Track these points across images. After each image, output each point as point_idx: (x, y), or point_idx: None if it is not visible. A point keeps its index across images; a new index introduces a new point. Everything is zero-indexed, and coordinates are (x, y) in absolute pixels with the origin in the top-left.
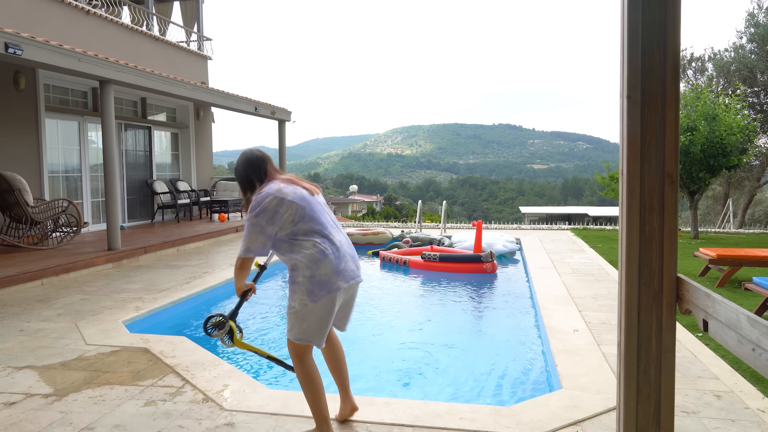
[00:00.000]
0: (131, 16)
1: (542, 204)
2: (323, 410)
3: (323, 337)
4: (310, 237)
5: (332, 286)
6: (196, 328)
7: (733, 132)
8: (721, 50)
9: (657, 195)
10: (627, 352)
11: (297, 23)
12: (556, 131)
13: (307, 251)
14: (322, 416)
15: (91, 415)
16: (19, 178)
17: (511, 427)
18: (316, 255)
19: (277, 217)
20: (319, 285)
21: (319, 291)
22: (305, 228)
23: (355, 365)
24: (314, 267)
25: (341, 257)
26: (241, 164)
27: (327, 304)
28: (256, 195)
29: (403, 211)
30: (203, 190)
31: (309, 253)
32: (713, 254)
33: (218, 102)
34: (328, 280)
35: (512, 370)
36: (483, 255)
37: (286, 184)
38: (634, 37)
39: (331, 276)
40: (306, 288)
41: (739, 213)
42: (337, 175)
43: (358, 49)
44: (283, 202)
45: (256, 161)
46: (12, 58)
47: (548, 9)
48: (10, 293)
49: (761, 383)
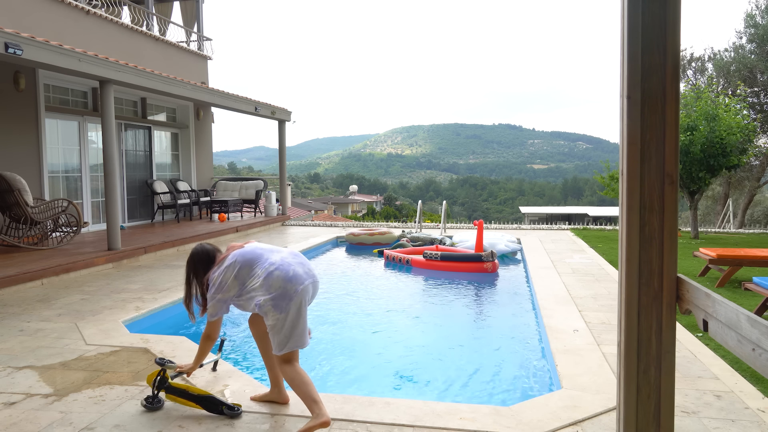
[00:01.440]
0: (131, 16)
1: (542, 204)
2: (313, 393)
3: (303, 337)
4: (254, 272)
5: (290, 292)
6: (195, 328)
7: (733, 132)
8: (721, 50)
9: (657, 195)
10: (627, 352)
11: (297, 23)
12: (556, 131)
13: (257, 283)
14: (313, 399)
15: (91, 415)
16: (19, 178)
17: (511, 427)
18: (263, 280)
19: (223, 284)
20: (280, 297)
21: (282, 301)
22: (247, 273)
23: (355, 365)
24: (267, 287)
25: (286, 267)
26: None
27: (293, 308)
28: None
29: (403, 211)
30: (203, 190)
31: (259, 284)
32: (713, 254)
33: (218, 102)
34: (284, 291)
35: (512, 370)
36: (484, 254)
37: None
38: (634, 36)
39: (285, 285)
40: (271, 305)
41: (739, 213)
42: (337, 175)
43: (358, 49)
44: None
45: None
46: (12, 58)
47: (548, 9)
48: (10, 293)
49: (761, 383)
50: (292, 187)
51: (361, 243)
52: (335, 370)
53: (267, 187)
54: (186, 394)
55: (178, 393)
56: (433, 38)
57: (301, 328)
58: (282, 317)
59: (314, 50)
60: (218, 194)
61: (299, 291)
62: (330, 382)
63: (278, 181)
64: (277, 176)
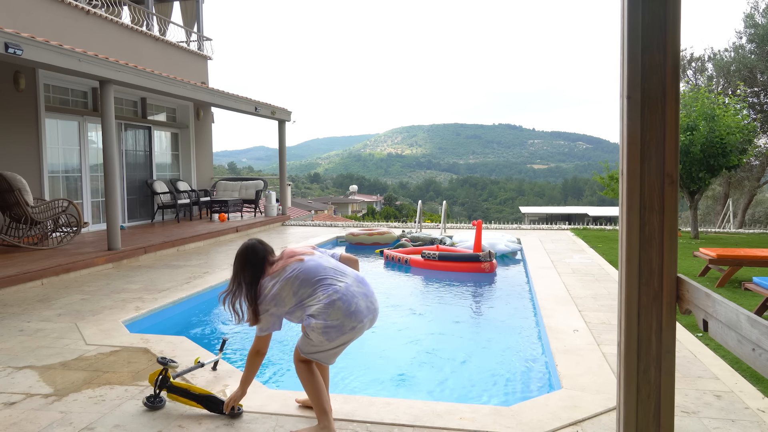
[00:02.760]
0: (131, 16)
1: (542, 204)
2: (324, 404)
3: (333, 359)
4: (315, 294)
5: (345, 328)
6: (196, 328)
7: (733, 132)
8: (721, 50)
9: (657, 195)
10: (627, 352)
11: (297, 23)
12: (556, 131)
13: (316, 306)
14: (323, 410)
15: (91, 415)
16: (19, 178)
17: (511, 427)
18: (323, 306)
19: (279, 299)
20: (334, 329)
21: (334, 333)
22: (306, 292)
23: (354, 365)
24: (325, 315)
25: (349, 299)
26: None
27: (341, 341)
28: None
29: (403, 211)
30: (203, 190)
31: (318, 307)
32: (713, 254)
33: (218, 102)
34: (341, 324)
35: (512, 369)
36: (482, 254)
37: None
38: (634, 36)
39: (343, 320)
40: (321, 331)
41: (739, 213)
42: (337, 175)
43: (358, 49)
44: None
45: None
46: (12, 58)
47: (548, 9)
48: (10, 293)
49: (761, 383)
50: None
51: (360, 243)
52: (335, 369)
53: (267, 187)
54: (188, 394)
55: (180, 392)
56: (432, 38)
57: (336, 354)
58: (326, 343)
59: (314, 50)
60: (218, 194)
61: (355, 329)
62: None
63: (278, 181)
64: (277, 176)
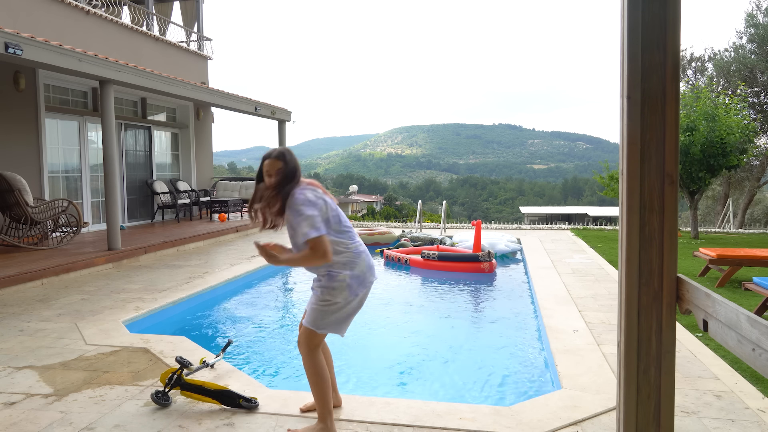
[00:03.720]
0: (131, 16)
1: (542, 204)
2: (328, 403)
3: (345, 327)
4: (342, 238)
5: (366, 281)
6: (195, 328)
7: (733, 132)
8: (721, 50)
9: (657, 195)
10: (627, 352)
11: (297, 23)
12: (556, 131)
13: (344, 252)
14: (328, 409)
15: (91, 415)
16: (19, 178)
17: (511, 427)
18: (352, 255)
19: (321, 213)
20: (358, 281)
21: (358, 286)
22: (338, 229)
23: (354, 365)
24: (352, 265)
25: (367, 256)
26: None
27: (362, 298)
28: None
29: (403, 211)
30: (203, 190)
31: (345, 254)
32: (713, 254)
33: (218, 102)
34: (364, 276)
35: (512, 369)
36: (481, 254)
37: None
38: (634, 36)
39: (366, 272)
40: (347, 284)
41: (739, 213)
42: (337, 175)
43: (358, 49)
44: (326, 202)
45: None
46: (12, 58)
47: (548, 9)
48: (10, 293)
49: (761, 383)
50: None
51: None
52: (335, 369)
53: None
54: (203, 390)
55: (195, 389)
56: (432, 38)
57: (352, 318)
58: (348, 300)
59: (314, 50)
60: (218, 194)
61: (371, 284)
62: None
63: None
64: None
